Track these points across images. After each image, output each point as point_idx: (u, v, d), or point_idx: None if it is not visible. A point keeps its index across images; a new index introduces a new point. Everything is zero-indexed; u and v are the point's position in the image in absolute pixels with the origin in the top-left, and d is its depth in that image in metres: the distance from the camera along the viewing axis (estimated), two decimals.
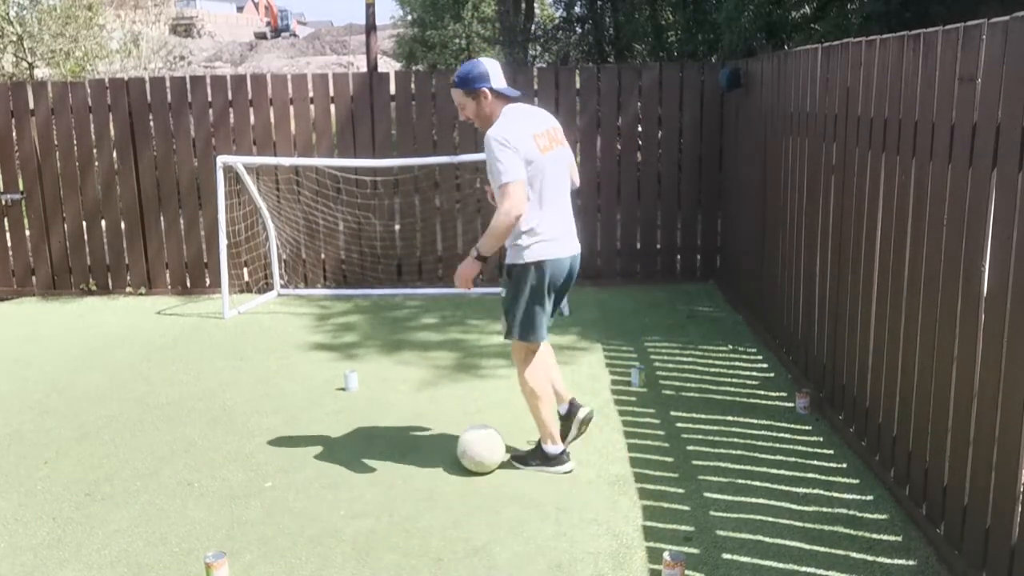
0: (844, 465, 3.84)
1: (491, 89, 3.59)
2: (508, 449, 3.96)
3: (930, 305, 3.21)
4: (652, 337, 5.88)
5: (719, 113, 7.14)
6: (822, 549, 3.15)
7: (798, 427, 4.28)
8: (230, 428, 4.47)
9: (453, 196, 7.49)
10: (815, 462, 3.89)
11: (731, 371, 5.14)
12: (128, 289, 7.57)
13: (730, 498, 3.56)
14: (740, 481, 3.70)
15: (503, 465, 3.89)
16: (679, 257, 7.52)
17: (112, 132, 7.34)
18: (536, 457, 3.90)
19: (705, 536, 3.27)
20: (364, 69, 19.72)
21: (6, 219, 7.53)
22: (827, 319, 4.39)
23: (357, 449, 4.16)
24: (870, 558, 3.09)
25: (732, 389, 4.83)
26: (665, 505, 3.52)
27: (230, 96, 7.30)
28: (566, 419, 3.95)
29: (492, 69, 3.61)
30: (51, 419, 4.66)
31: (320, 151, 7.38)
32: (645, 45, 14.18)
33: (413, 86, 7.41)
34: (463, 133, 7.32)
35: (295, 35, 59.63)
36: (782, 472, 3.78)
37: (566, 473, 3.83)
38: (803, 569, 3.04)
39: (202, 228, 7.48)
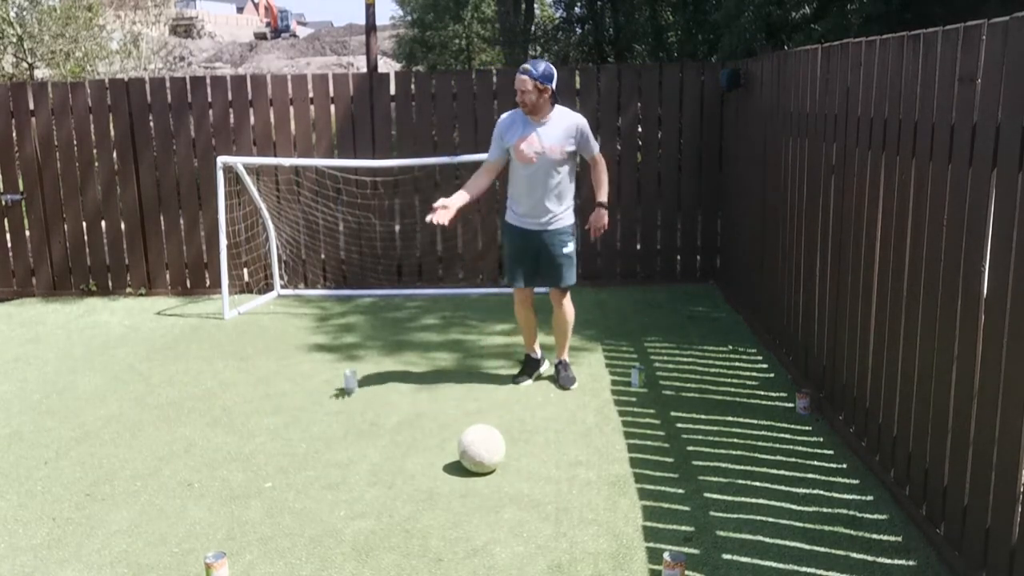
0: (844, 465, 3.84)
1: (552, 89, 4.55)
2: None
3: (930, 305, 3.21)
4: (652, 337, 5.88)
5: (719, 113, 7.14)
6: (822, 549, 3.16)
7: (798, 427, 4.28)
8: (230, 428, 4.47)
9: None
10: (815, 462, 3.89)
11: (731, 371, 5.14)
12: (128, 290, 7.57)
13: (730, 498, 3.56)
14: (740, 481, 3.70)
15: (503, 465, 3.89)
16: (679, 258, 7.52)
17: (112, 133, 7.35)
18: (571, 369, 5.02)
19: (705, 536, 3.27)
20: (364, 69, 19.72)
21: (7, 220, 7.54)
22: (827, 319, 4.39)
23: (357, 449, 4.16)
24: (870, 558, 3.09)
25: (732, 389, 4.83)
26: (665, 505, 3.52)
27: (230, 97, 7.30)
28: (538, 363, 5.11)
29: (555, 73, 4.58)
30: (51, 419, 4.66)
31: (320, 151, 7.39)
32: (645, 46, 14.19)
33: (413, 87, 7.41)
34: (463, 133, 7.32)
35: (295, 35, 59.76)
36: (782, 472, 3.79)
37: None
38: (803, 569, 3.04)
39: (202, 229, 7.48)
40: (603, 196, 4.81)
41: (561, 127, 4.62)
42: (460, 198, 4.63)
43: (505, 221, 4.87)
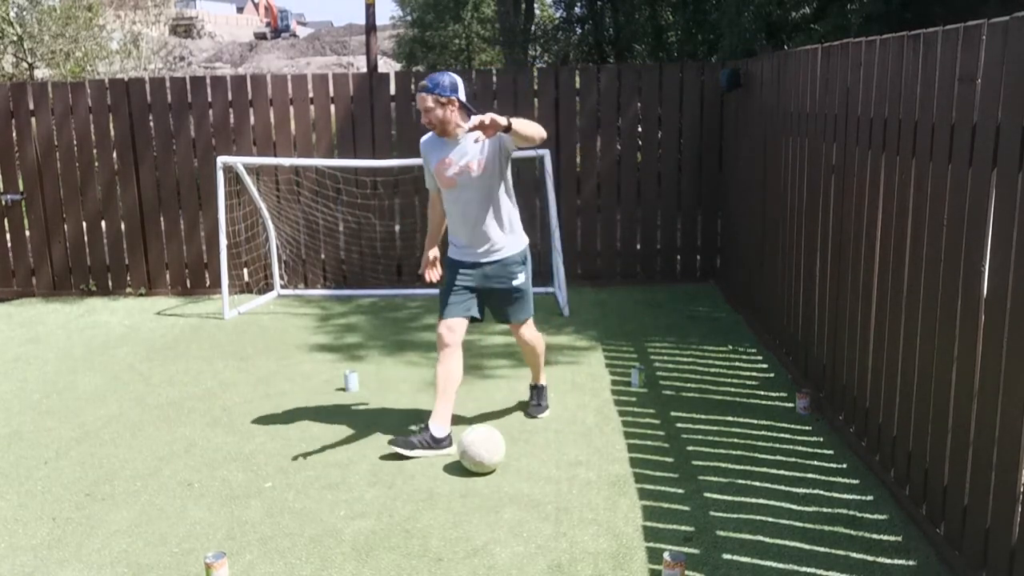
0: (844, 465, 3.84)
1: (460, 100, 3.95)
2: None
3: (930, 305, 3.21)
4: (652, 337, 5.88)
5: (719, 113, 7.14)
6: (822, 549, 3.16)
7: (798, 427, 4.28)
8: (230, 428, 4.47)
9: None
10: (815, 462, 3.89)
11: (731, 371, 5.14)
12: (128, 290, 7.57)
13: (730, 498, 3.56)
14: (740, 481, 3.70)
15: (503, 465, 3.89)
16: (679, 257, 7.52)
17: (112, 133, 7.35)
18: (544, 397, 4.60)
19: (705, 536, 3.27)
20: (364, 69, 19.72)
21: (7, 220, 7.54)
22: (827, 319, 4.39)
23: (357, 449, 4.16)
24: (870, 558, 3.09)
25: (732, 389, 4.83)
26: (665, 505, 3.52)
27: (230, 97, 7.30)
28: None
29: (461, 83, 3.97)
30: (51, 419, 4.66)
31: (320, 151, 7.39)
32: (645, 46, 14.19)
33: (413, 86, 7.41)
34: None
35: (295, 35, 59.81)
36: (782, 472, 3.79)
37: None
38: (803, 569, 3.04)
39: (202, 229, 7.49)
40: (516, 119, 3.71)
41: (474, 137, 3.85)
42: (434, 240, 4.30)
43: (447, 257, 4.24)
